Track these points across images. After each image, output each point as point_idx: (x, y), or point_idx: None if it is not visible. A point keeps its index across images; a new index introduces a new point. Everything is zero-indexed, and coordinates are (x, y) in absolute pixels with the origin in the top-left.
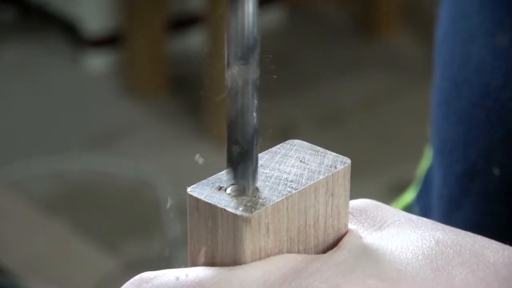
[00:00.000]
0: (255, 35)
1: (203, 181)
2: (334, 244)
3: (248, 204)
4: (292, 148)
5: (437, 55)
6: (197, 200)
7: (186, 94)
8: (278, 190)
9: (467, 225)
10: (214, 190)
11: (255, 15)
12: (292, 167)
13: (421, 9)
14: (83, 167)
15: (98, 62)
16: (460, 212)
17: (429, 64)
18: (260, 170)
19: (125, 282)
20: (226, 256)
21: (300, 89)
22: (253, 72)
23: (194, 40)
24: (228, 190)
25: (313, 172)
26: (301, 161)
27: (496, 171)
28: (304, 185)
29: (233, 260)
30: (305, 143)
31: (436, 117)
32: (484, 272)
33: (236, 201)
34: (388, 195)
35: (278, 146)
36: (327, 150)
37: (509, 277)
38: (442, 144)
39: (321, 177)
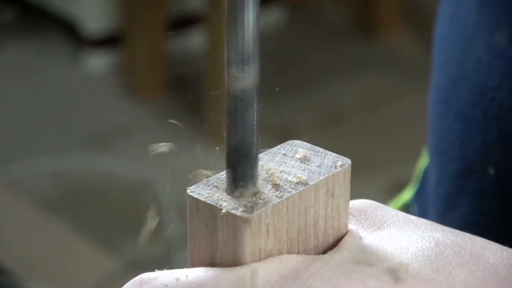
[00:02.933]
0: (255, 42)
1: (203, 181)
2: (334, 244)
3: (248, 205)
4: (292, 149)
5: (436, 53)
6: (197, 200)
7: (186, 94)
8: (278, 190)
9: (463, 224)
10: (214, 191)
11: (255, 23)
12: (292, 167)
13: (421, 9)
14: (83, 167)
15: (98, 62)
16: (456, 211)
17: (429, 64)
18: (260, 170)
19: (125, 282)
20: (226, 256)
21: (300, 89)
22: (253, 77)
23: (194, 40)
24: (228, 191)
25: (313, 173)
26: (301, 161)
27: (492, 170)
28: (304, 185)
29: (233, 261)
30: (305, 143)
31: (433, 116)
32: (484, 273)
33: (236, 201)
34: (388, 195)
35: (278, 146)
36: (327, 151)
37: (508, 278)
38: (439, 142)
39: (321, 177)
